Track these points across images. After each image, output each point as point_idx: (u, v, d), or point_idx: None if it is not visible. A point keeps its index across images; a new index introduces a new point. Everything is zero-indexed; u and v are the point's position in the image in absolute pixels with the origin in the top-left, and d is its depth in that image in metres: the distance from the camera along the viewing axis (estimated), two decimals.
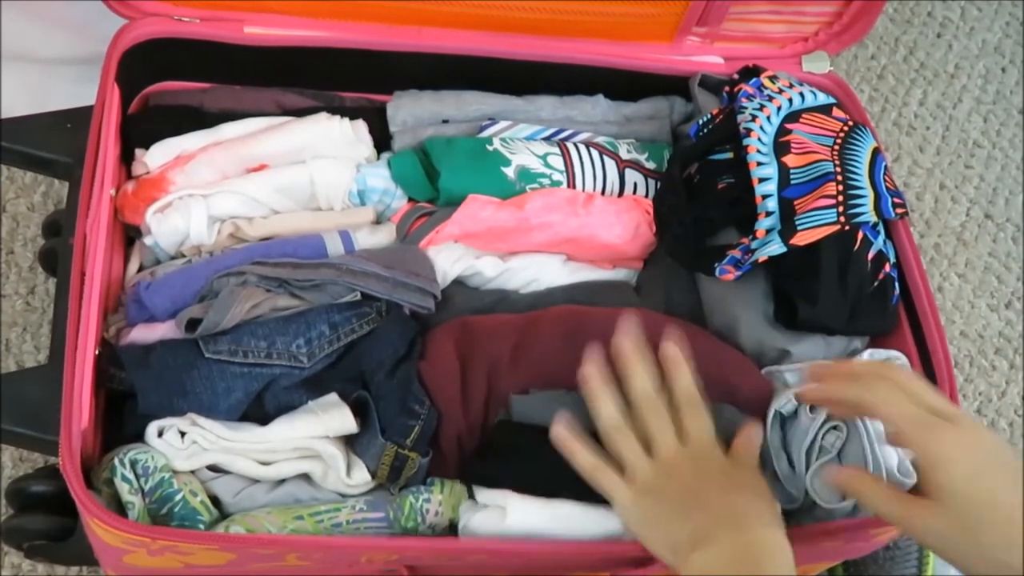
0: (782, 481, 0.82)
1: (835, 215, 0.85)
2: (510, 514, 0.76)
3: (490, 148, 0.92)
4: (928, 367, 0.86)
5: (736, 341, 0.88)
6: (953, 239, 1.29)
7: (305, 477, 0.79)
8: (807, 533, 0.79)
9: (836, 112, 0.94)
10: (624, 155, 0.96)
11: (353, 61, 0.96)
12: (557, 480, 0.77)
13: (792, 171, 0.88)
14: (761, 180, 0.87)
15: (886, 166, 0.91)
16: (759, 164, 0.88)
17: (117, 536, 0.71)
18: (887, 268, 0.88)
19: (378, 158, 0.94)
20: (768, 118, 0.90)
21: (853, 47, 1.33)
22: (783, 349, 0.87)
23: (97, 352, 0.77)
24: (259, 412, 0.79)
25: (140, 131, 0.90)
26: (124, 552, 0.73)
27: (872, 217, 0.87)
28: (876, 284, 0.88)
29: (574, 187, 0.93)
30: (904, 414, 0.69)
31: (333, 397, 0.79)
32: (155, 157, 0.89)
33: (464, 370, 0.81)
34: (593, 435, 0.78)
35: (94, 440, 0.77)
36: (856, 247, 0.86)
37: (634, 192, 0.95)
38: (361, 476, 0.78)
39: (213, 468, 0.78)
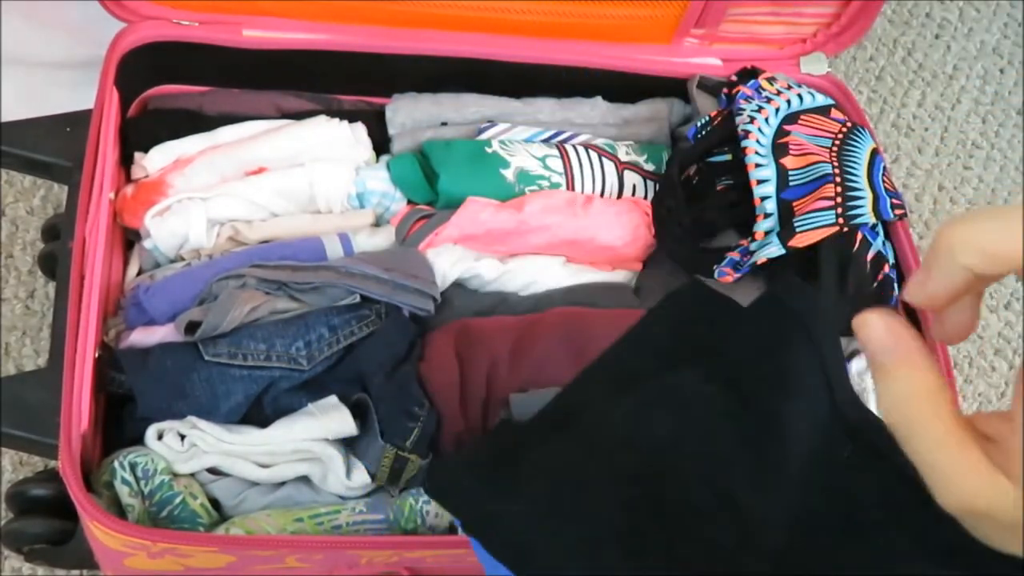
0: None
1: (834, 216, 0.85)
2: None
3: (489, 150, 0.92)
4: None
5: None
6: None
7: (305, 479, 0.79)
8: None
9: (834, 113, 0.94)
10: (623, 157, 0.96)
11: (352, 64, 0.96)
12: None
13: (791, 173, 0.88)
14: (760, 182, 0.87)
15: (884, 167, 0.91)
16: (757, 166, 0.88)
17: (117, 539, 0.71)
18: (886, 269, 0.88)
19: (377, 161, 0.94)
20: (766, 120, 0.90)
21: (851, 48, 1.33)
22: None
23: (97, 355, 0.77)
24: (259, 415, 0.79)
25: (139, 134, 0.90)
26: (124, 555, 0.73)
27: (871, 218, 0.87)
28: (875, 285, 0.88)
29: (573, 189, 0.93)
30: None
31: (332, 399, 0.79)
32: (154, 160, 0.89)
33: (463, 372, 0.81)
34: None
35: (94, 443, 0.77)
36: (855, 248, 0.86)
37: (633, 194, 0.95)
38: (361, 478, 0.78)
39: (213, 471, 0.78)
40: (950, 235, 0.38)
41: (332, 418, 0.78)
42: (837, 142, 0.91)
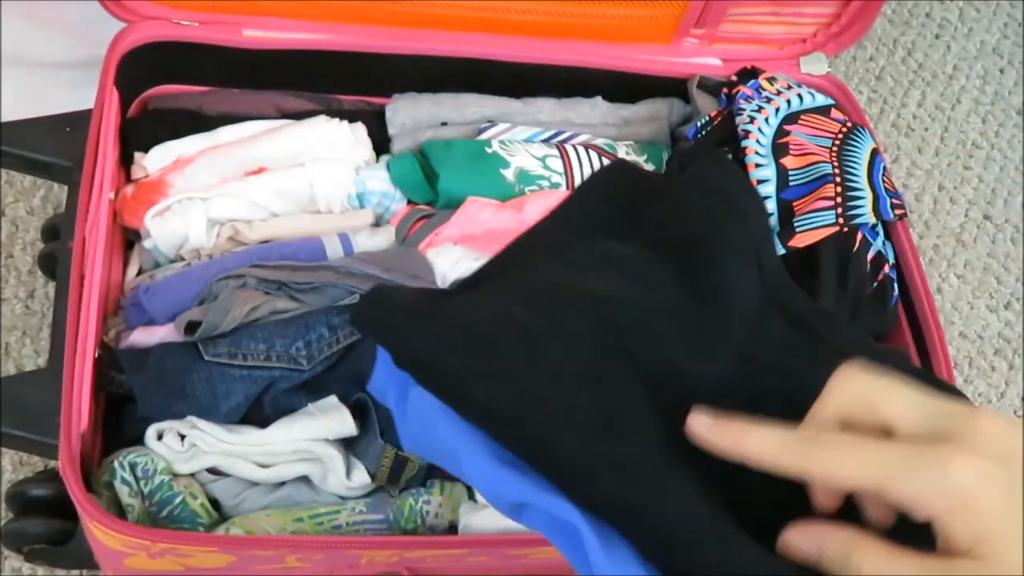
0: None
1: (834, 216, 0.85)
2: None
3: (489, 150, 0.92)
4: (928, 368, 0.86)
5: None
6: (952, 240, 1.29)
7: (305, 479, 0.79)
8: None
9: (834, 113, 0.94)
10: (623, 157, 0.96)
11: (352, 64, 0.96)
12: None
13: (791, 173, 0.88)
14: (759, 182, 0.87)
15: (884, 167, 0.91)
16: (757, 166, 0.88)
17: (117, 539, 0.71)
18: (886, 269, 0.88)
19: (377, 161, 0.94)
20: (766, 120, 0.90)
21: (851, 48, 1.33)
22: None
23: (96, 355, 0.77)
24: (259, 415, 0.79)
25: (139, 134, 0.90)
26: (124, 555, 0.73)
27: (871, 218, 0.87)
28: (875, 285, 0.88)
29: (573, 189, 0.93)
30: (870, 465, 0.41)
31: (332, 399, 0.79)
32: (154, 160, 0.89)
33: None
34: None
35: (94, 443, 0.77)
36: (855, 248, 0.86)
37: None
38: (361, 478, 0.78)
39: (213, 471, 0.78)
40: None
41: (332, 418, 0.78)
42: (837, 142, 0.91)
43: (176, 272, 0.84)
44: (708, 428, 0.44)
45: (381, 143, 0.95)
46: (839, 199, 0.86)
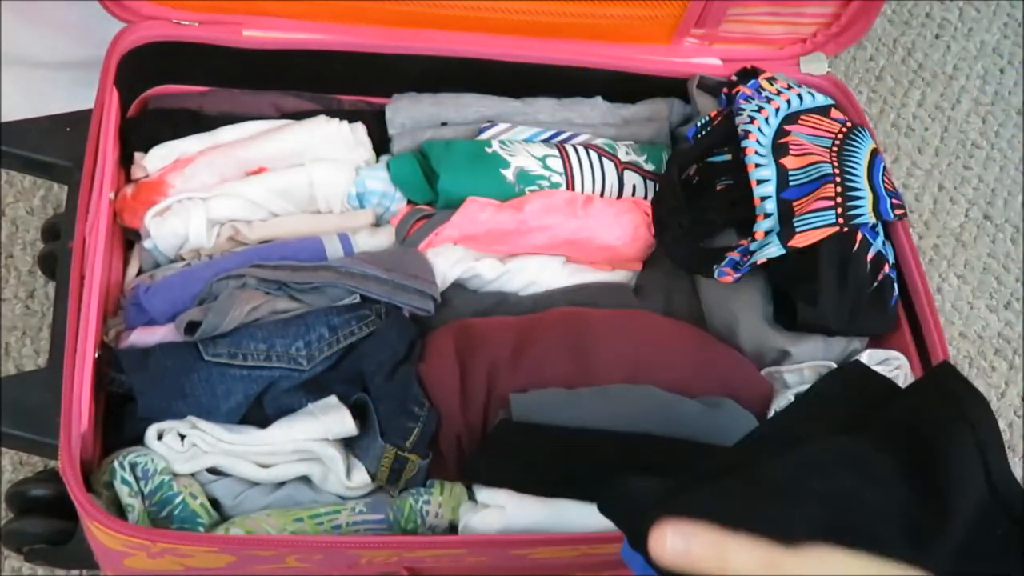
0: None
1: (834, 216, 0.85)
2: (509, 513, 0.76)
3: (489, 150, 0.92)
4: (927, 368, 0.86)
5: (736, 342, 0.88)
6: (952, 240, 1.29)
7: (305, 479, 0.79)
8: None
9: (834, 113, 0.94)
10: (623, 157, 0.96)
11: (352, 64, 0.96)
12: (557, 480, 0.77)
13: (791, 173, 0.88)
14: (759, 182, 0.87)
15: (885, 167, 0.91)
16: (757, 166, 0.88)
17: (117, 539, 0.71)
18: (886, 269, 0.88)
19: (377, 161, 0.94)
20: (766, 120, 0.90)
21: (851, 48, 1.33)
22: (783, 350, 0.87)
23: (96, 355, 0.77)
24: (259, 415, 0.79)
25: (139, 134, 0.90)
26: (124, 555, 0.73)
27: (871, 218, 0.87)
28: (875, 285, 0.88)
29: (573, 189, 0.93)
30: None
31: (333, 399, 0.79)
32: (154, 160, 0.89)
33: (464, 372, 0.81)
34: (599, 438, 0.78)
35: (94, 443, 0.77)
36: (855, 248, 0.86)
37: (633, 194, 0.95)
38: (361, 478, 0.78)
39: (213, 471, 0.78)
40: None
41: (332, 418, 0.78)
42: (837, 142, 0.91)
43: (176, 272, 0.84)
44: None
45: (381, 143, 0.95)
46: (839, 199, 0.86)
